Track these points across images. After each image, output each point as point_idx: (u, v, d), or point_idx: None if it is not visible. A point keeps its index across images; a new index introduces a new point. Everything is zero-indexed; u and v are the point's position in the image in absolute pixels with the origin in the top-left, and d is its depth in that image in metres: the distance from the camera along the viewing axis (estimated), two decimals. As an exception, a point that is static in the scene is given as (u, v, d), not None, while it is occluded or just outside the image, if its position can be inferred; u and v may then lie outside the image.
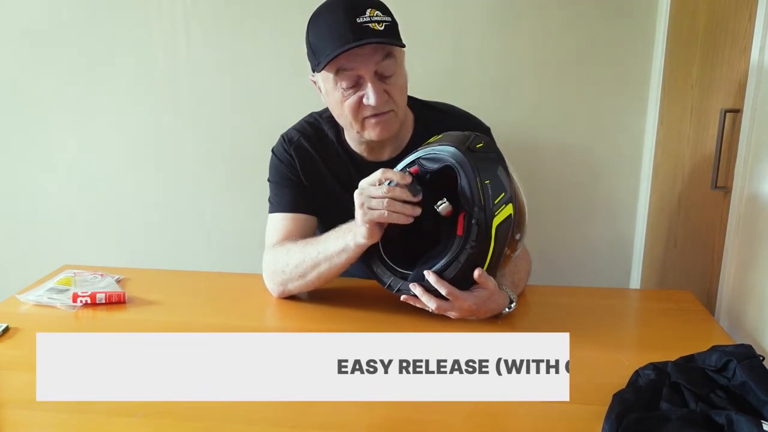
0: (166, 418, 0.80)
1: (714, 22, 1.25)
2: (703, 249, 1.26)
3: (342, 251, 1.06)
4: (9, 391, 0.87)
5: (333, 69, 1.06)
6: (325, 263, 1.09)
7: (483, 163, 0.98)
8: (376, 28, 1.03)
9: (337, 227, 1.09)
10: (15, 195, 1.89)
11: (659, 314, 1.14)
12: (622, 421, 0.72)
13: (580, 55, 1.61)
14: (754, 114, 1.05)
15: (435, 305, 1.00)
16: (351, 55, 1.04)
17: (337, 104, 1.11)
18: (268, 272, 1.16)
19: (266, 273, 1.16)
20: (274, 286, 1.16)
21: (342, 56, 1.03)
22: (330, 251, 1.07)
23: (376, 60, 1.05)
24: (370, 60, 1.05)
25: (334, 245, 1.07)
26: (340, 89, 1.08)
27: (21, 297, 1.16)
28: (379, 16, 1.05)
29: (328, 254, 1.08)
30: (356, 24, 1.02)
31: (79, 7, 1.71)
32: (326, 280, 1.12)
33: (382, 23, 1.04)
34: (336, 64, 1.05)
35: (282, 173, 1.21)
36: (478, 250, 0.97)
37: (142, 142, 1.80)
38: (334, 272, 1.10)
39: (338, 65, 1.05)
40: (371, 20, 1.03)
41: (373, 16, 1.04)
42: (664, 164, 1.53)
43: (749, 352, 0.82)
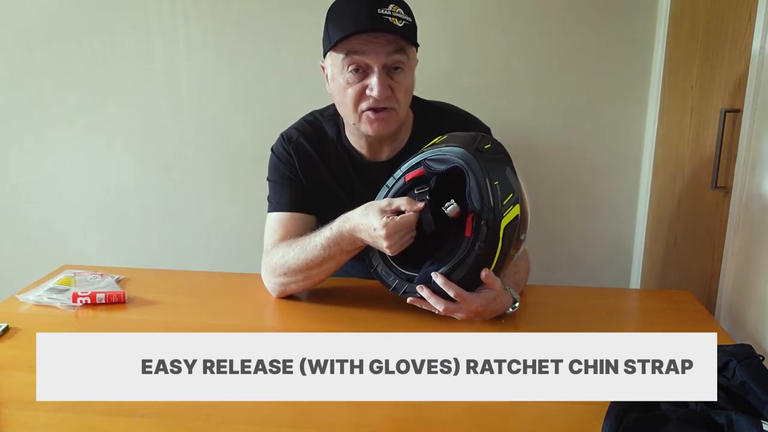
0: (166, 418, 0.80)
1: (714, 22, 1.25)
2: (703, 249, 1.26)
3: (342, 252, 1.06)
4: (9, 391, 0.87)
5: (343, 50, 1.06)
6: (325, 263, 1.08)
7: (492, 164, 0.98)
8: (395, 22, 1.04)
9: (332, 224, 1.07)
10: (15, 195, 1.89)
11: (659, 314, 1.14)
12: (622, 421, 0.72)
13: (580, 55, 1.61)
14: (754, 114, 1.05)
15: (443, 307, 1.00)
16: (364, 41, 1.04)
17: (340, 90, 1.11)
18: (266, 272, 1.16)
19: (265, 273, 1.16)
20: (273, 286, 1.16)
21: (355, 39, 1.04)
22: (329, 252, 1.07)
23: (387, 51, 1.05)
24: (381, 50, 1.05)
25: (332, 246, 1.06)
26: (346, 74, 1.08)
27: (21, 297, 1.16)
28: (400, 13, 1.06)
29: (327, 254, 1.07)
30: (376, 14, 1.03)
31: (79, 8, 1.71)
32: (325, 277, 1.13)
33: (402, 21, 1.05)
34: (347, 46, 1.05)
35: (281, 172, 1.21)
36: (486, 251, 0.97)
37: (142, 142, 1.80)
38: (333, 270, 1.11)
39: (349, 47, 1.05)
40: (392, 15, 1.04)
41: (394, 12, 1.05)
42: (664, 164, 1.53)
43: (749, 352, 0.82)
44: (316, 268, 1.09)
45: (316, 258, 1.08)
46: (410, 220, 0.98)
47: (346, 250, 1.07)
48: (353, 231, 1.04)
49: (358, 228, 1.03)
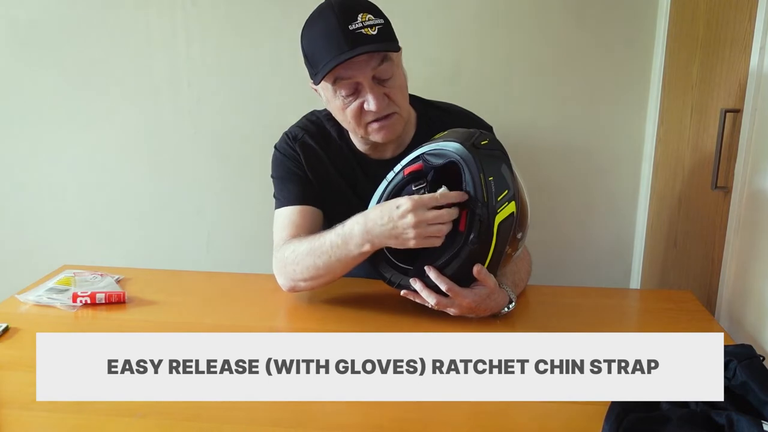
0: (166, 418, 0.80)
1: (714, 22, 1.25)
2: (703, 249, 1.26)
3: (359, 254, 1.04)
4: (9, 391, 0.86)
5: (330, 79, 1.06)
6: (339, 262, 1.06)
7: (487, 159, 0.98)
8: (369, 32, 1.03)
9: (345, 223, 1.05)
10: (15, 195, 1.89)
11: (659, 314, 1.14)
12: (622, 421, 0.72)
13: (580, 55, 1.61)
14: (754, 114, 1.05)
15: (435, 301, 1.00)
16: (347, 65, 1.03)
17: (339, 111, 1.11)
18: (277, 269, 1.15)
19: (276, 269, 1.15)
20: (283, 282, 1.14)
21: (338, 66, 1.03)
22: (343, 252, 1.04)
23: (372, 66, 1.05)
24: (366, 66, 1.04)
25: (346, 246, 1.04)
26: (340, 97, 1.08)
27: (21, 297, 1.16)
28: (371, 19, 1.04)
29: (340, 255, 1.05)
30: (349, 31, 1.02)
31: (78, 7, 1.71)
32: (335, 279, 1.11)
33: (374, 27, 1.03)
34: (333, 75, 1.05)
35: (287, 167, 1.21)
36: (480, 246, 0.97)
37: (141, 141, 1.80)
38: (342, 273, 1.09)
39: (335, 75, 1.05)
40: (363, 25, 1.02)
41: (365, 21, 1.03)
42: (664, 164, 1.53)
43: (749, 352, 0.82)
44: (323, 269, 1.08)
45: (323, 257, 1.07)
46: (435, 197, 0.96)
47: (353, 254, 1.04)
48: (366, 226, 1.01)
49: (374, 219, 0.99)
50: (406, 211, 0.96)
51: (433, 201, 0.97)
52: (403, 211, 0.96)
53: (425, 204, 0.96)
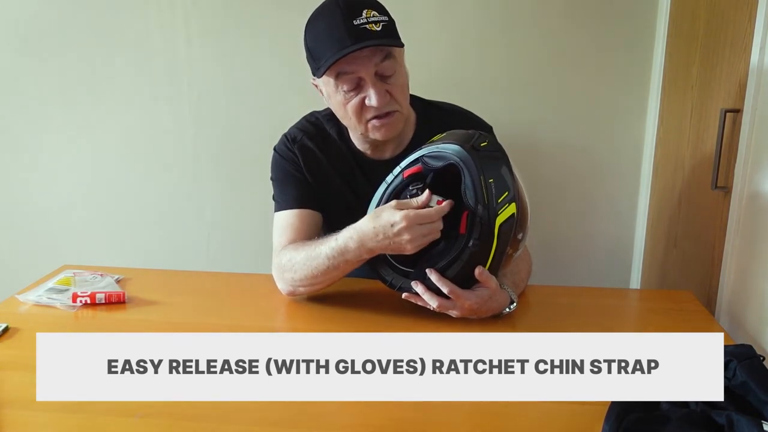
0: (166, 418, 0.80)
1: (714, 22, 1.25)
2: (703, 249, 1.26)
3: (347, 263, 1.05)
4: (9, 391, 0.86)
5: (333, 73, 1.06)
6: (336, 270, 1.07)
7: (487, 161, 0.98)
8: (373, 29, 1.03)
9: (338, 237, 1.05)
10: (15, 195, 1.89)
11: (659, 314, 1.14)
12: (622, 421, 0.72)
13: (581, 55, 1.61)
14: (754, 114, 1.05)
15: (436, 303, 1.00)
16: (350, 59, 1.03)
17: (340, 107, 1.11)
18: (276, 273, 1.15)
19: (275, 273, 1.15)
20: (282, 286, 1.15)
21: (341, 60, 1.03)
22: (342, 258, 1.04)
23: (375, 61, 1.05)
24: (369, 62, 1.05)
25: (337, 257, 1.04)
26: (342, 92, 1.08)
27: (21, 297, 1.16)
28: (375, 16, 1.04)
29: (339, 261, 1.05)
30: (353, 26, 1.02)
31: (78, 7, 1.71)
32: (332, 284, 1.12)
33: (379, 23, 1.04)
34: (336, 69, 1.05)
35: (286, 170, 1.21)
36: (481, 248, 0.97)
37: (141, 141, 1.80)
38: (339, 278, 1.10)
39: (338, 69, 1.05)
40: (368, 21, 1.03)
41: (369, 17, 1.04)
42: (664, 164, 1.53)
43: (749, 352, 0.82)
44: (321, 276, 1.08)
45: (320, 267, 1.07)
46: (430, 214, 0.97)
47: (351, 262, 1.05)
48: (361, 242, 1.01)
49: (369, 235, 1.00)
50: (402, 229, 0.97)
51: (427, 218, 0.97)
52: (399, 229, 0.97)
53: (420, 220, 0.97)
